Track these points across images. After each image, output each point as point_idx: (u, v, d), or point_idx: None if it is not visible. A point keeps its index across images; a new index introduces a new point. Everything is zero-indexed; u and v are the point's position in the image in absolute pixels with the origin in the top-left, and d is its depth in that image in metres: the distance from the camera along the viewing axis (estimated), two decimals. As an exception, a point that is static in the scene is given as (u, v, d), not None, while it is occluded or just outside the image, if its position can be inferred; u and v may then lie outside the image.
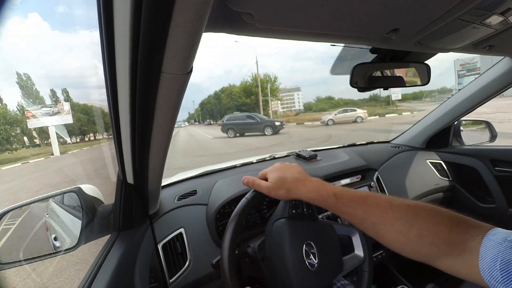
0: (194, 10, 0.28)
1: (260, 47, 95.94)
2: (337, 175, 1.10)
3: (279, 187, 0.52)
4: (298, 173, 0.54)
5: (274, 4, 0.40)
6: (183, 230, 0.79)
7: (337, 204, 0.48)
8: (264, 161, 1.24)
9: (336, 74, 1.10)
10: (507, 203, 1.22)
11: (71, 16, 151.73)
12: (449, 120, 1.36)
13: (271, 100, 34.28)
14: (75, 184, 0.70)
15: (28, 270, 2.29)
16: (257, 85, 31.80)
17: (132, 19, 0.28)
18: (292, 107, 77.34)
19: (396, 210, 0.42)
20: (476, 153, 1.33)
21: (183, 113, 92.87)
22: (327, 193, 0.49)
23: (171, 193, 0.91)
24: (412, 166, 1.34)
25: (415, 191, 1.25)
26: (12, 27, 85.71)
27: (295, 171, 0.55)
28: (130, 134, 0.47)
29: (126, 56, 0.33)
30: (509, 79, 1.09)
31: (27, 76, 28.98)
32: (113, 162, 0.65)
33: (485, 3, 0.48)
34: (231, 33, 0.48)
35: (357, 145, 1.53)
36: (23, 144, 24.03)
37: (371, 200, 0.45)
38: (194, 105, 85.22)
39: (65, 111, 18.31)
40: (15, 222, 0.73)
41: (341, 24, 0.50)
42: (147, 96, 0.39)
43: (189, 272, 0.74)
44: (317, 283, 0.53)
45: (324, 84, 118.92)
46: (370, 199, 0.45)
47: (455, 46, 0.70)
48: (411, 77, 0.86)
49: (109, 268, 0.61)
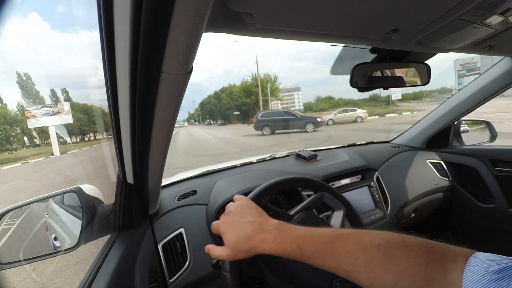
0: (194, 10, 0.28)
1: (260, 47, 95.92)
2: (337, 175, 1.10)
3: (237, 251, 0.47)
4: (251, 223, 0.47)
5: (274, 4, 0.40)
6: (183, 230, 0.79)
7: (303, 256, 0.43)
8: (264, 161, 1.24)
9: (336, 74, 1.11)
10: (507, 203, 1.22)
11: (71, 16, 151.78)
12: (449, 120, 1.36)
13: (271, 100, 34.30)
14: (75, 184, 0.70)
15: (28, 270, 2.29)
16: (257, 85, 31.81)
17: (132, 19, 0.28)
18: (292, 107, 77.33)
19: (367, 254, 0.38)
20: (476, 153, 1.33)
21: (183, 113, 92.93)
22: (289, 246, 0.43)
23: (171, 193, 0.91)
24: (412, 166, 1.34)
25: (415, 191, 1.25)
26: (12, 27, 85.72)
27: (247, 224, 0.47)
28: (130, 134, 0.47)
29: (126, 56, 0.33)
30: (509, 79, 1.09)
31: (27, 76, 28.98)
32: (113, 162, 0.65)
33: (485, 3, 0.48)
34: (231, 33, 0.48)
35: (357, 145, 1.53)
36: (23, 144, 24.02)
37: (339, 246, 0.41)
38: (194, 105, 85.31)
39: (65, 111, 18.31)
40: (15, 222, 0.73)
41: (341, 24, 0.50)
42: (147, 96, 0.39)
43: (189, 272, 0.74)
44: (324, 273, 0.53)
45: (324, 84, 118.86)
46: (337, 244, 0.41)
47: (455, 46, 0.70)
48: (411, 77, 0.86)
49: (109, 268, 0.61)
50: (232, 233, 0.48)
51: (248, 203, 0.52)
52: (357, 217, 0.73)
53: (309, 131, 12.52)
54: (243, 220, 0.48)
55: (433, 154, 1.45)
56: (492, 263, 0.30)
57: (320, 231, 0.44)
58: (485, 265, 0.30)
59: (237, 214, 0.50)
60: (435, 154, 1.45)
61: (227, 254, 0.48)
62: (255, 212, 0.50)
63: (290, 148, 1.53)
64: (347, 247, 0.40)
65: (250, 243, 0.46)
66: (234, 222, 0.49)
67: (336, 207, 0.68)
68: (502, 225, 1.25)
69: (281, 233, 0.45)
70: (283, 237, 0.45)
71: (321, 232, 0.44)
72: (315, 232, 0.44)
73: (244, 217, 0.49)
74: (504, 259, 0.30)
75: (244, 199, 0.55)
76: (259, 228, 0.46)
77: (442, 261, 0.34)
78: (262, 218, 0.49)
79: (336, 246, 0.41)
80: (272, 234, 0.45)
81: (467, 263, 0.31)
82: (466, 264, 0.31)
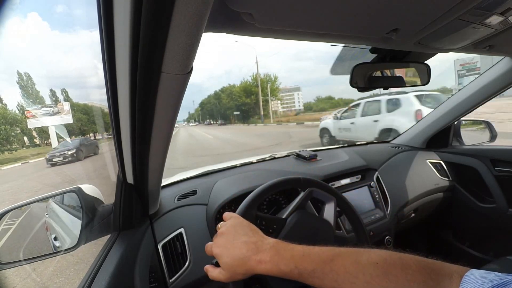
0: (194, 10, 0.28)
1: (260, 47, 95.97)
2: (337, 175, 1.10)
3: (234, 273, 0.46)
4: (246, 244, 0.46)
5: (274, 4, 0.40)
6: (183, 230, 0.79)
7: (301, 277, 0.42)
8: (264, 161, 1.24)
9: (336, 74, 1.11)
10: (507, 203, 1.22)
11: (71, 16, 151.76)
12: (449, 120, 1.36)
13: (271, 100, 34.29)
14: (75, 184, 0.70)
15: (28, 270, 2.29)
16: (257, 84, 31.81)
17: (132, 19, 0.28)
18: (292, 107, 77.38)
19: (366, 273, 0.38)
20: (476, 153, 1.32)
21: (183, 113, 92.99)
22: (287, 266, 0.43)
23: (171, 193, 0.91)
24: (412, 166, 1.34)
25: (415, 191, 1.25)
26: (12, 27, 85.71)
27: (242, 244, 0.46)
28: (130, 134, 0.47)
29: (126, 56, 0.33)
30: (509, 79, 1.09)
31: (27, 75, 29.01)
32: (113, 162, 0.65)
33: (485, 3, 0.48)
34: (231, 33, 0.48)
35: (357, 145, 1.53)
36: (23, 144, 24.04)
37: (337, 264, 0.40)
38: (194, 105, 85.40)
39: (65, 111, 18.31)
40: (15, 222, 0.73)
41: (341, 24, 0.50)
42: (147, 96, 0.39)
43: (189, 272, 0.74)
44: None
45: (324, 84, 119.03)
46: (335, 263, 0.41)
47: (455, 46, 0.70)
48: (411, 77, 0.86)
49: (109, 268, 0.61)
50: (226, 256, 0.47)
51: (240, 222, 0.51)
52: (351, 209, 0.73)
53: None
54: (238, 241, 0.47)
55: (433, 154, 1.45)
56: (485, 279, 0.30)
57: (317, 250, 0.44)
58: (480, 282, 0.30)
59: (230, 234, 0.49)
60: (435, 154, 1.45)
61: (224, 277, 0.47)
62: (249, 230, 0.49)
63: (290, 148, 1.53)
64: (346, 266, 0.40)
65: (246, 265, 0.45)
66: (228, 244, 0.47)
67: (326, 199, 0.68)
68: (502, 225, 1.25)
69: (278, 253, 0.44)
70: (280, 256, 0.44)
71: (318, 250, 0.43)
72: (312, 251, 0.43)
73: (238, 237, 0.47)
74: (497, 275, 0.30)
75: (234, 217, 0.53)
76: (254, 249, 0.45)
77: (438, 279, 0.34)
78: (256, 237, 0.48)
79: (335, 265, 0.40)
80: (268, 254, 0.44)
81: (462, 281, 0.32)
82: (461, 282, 0.32)
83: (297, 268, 0.42)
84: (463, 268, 0.34)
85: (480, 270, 0.32)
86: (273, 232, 0.59)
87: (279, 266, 0.43)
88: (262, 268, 0.44)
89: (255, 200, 0.63)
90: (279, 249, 0.45)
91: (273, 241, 0.47)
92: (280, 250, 0.44)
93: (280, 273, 0.43)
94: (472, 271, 0.33)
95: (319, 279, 0.41)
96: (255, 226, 0.51)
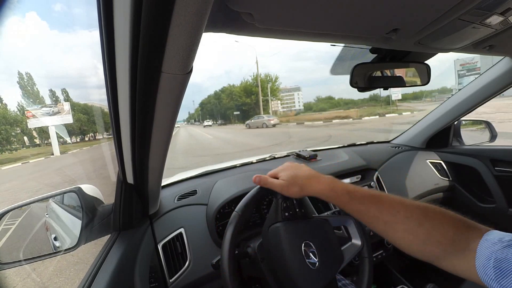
0: (194, 10, 0.28)
1: (260, 47, 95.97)
2: (337, 175, 1.10)
3: (292, 184, 0.53)
4: (310, 170, 0.56)
5: (274, 4, 0.40)
6: (183, 230, 0.79)
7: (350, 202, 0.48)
8: (264, 161, 1.24)
9: (336, 74, 1.10)
10: (507, 203, 1.22)
11: (71, 16, 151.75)
12: (449, 120, 1.36)
13: (271, 100, 34.29)
14: (75, 184, 0.70)
15: (28, 270, 2.29)
16: (257, 84, 31.81)
17: (132, 19, 0.28)
18: (292, 107, 77.32)
19: (408, 210, 0.44)
20: (476, 153, 1.32)
21: (183, 113, 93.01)
22: (340, 190, 0.50)
23: (171, 193, 0.91)
24: (412, 166, 1.34)
25: (415, 191, 1.25)
26: (12, 26, 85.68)
27: (306, 169, 0.56)
28: (130, 134, 0.47)
29: (126, 56, 0.33)
30: (509, 79, 1.09)
31: (28, 75, 29.01)
32: (113, 162, 0.65)
33: (485, 3, 0.48)
34: (231, 33, 0.48)
35: (357, 145, 1.53)
36: (23, 144, 24.04)
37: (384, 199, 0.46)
38: (194, 105, 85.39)
39: (65, 111, 18.32)
40: (15, 222, 0.73)
41: (341, 24, 0.50)
42: (147, 96, 0.39)
43: (189, 272, 0.74)
44: (320, 281, 0.53)
45: (324, 84, 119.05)
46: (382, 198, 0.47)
47: (455, 46, 0.70)
48: (411, 77, 0.86)
49: (109, 268, 0.61)
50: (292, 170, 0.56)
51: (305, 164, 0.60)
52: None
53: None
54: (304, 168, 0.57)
55: (433, 154, 1.45)
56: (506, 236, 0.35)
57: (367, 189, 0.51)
58: (500, 236, 0.35)
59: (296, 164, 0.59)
60: (435, 154, 1.45)
61: (279, 184, 0.54)
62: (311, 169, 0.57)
63: (290, 148, 1.53)
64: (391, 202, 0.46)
65: (307, 180, 0.53)
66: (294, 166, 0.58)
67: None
68: (502, 225, 1.24)
69: (334, 181, 0.52)
70: (336, 184, 0.52)
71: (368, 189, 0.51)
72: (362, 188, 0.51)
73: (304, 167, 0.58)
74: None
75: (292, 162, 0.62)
76: (316, 175, 0.54)
77: (469, 229, 0.39)
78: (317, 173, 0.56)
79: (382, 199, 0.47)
80: (327, 180, 0.53)
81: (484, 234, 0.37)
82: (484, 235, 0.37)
83: (349, 194, 0.49)
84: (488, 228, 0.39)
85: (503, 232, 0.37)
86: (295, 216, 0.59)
87: (334, 188, 0.51)
88: (318, 187, 0.52)
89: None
90: (336, 180, 0.53)
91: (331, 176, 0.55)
92: (336, 181, 0.53)
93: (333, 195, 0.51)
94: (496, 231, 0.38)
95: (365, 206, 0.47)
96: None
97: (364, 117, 20.27)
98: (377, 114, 20.54)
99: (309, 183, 0.52)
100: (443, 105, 1.37)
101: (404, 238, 0.43)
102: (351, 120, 17.59)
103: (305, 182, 0.53)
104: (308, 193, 0.53)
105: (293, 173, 0.55)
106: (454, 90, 25.14)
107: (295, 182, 0.53)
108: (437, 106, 1.42)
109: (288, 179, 0.54)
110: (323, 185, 0.52)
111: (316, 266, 0.53)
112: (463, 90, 1.28)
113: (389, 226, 0.45)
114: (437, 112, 1.40)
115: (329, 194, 0.51)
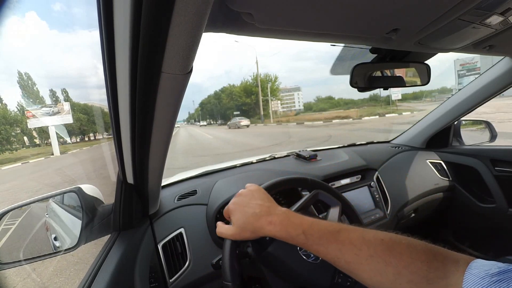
0: (194, 10, 0.28)
1: (260, 47, 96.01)
2: (337, 175, 1.10)
3: (243, 230, 0.49)
4: (260, 206, 0.49)
5: (274, 4, 0.40)
6: (183, 230, 0.79)
7: (307, 243, 0.44)
8: (264, 161, 1.24)
9: (336, 74, 1.11)
10: (507, 203, 1.22)
11: (71, 15, 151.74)
12: (449, 120, 1.36)
13: (271, 100, 34.28)
14: (75, 184, 0.70)
15: (28, 270, 2.29)
16: (257, 84, 31.81)
17: (132, 19, 0.28)
18: (292, 107, 77.32)
19: (370, 246, 0.39)
20: (476, 153, 1.32)
21: (183, 113, 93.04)
22: (295, 230, 0.45)
23: (171, 193, 0.91)
24: (412, 166, 1.34)
25: (415, 191, 1.25)
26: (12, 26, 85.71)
27: (256, 205, 0.50)
28: (130, 134, 0.47)
29: (126, 56, 0.33)
30: (509, 79, 1.09)
31: (27, 75, 29.00)
32: (113, 162, 0.65)
33: (485, 3, 0.48)
34: (231, 33, 0.48)
35: (357, 145, 1.53)
36: (23, 144, 24.04)
37: (343, 236, 0.42)
38: (194, 105, 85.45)
39: (65, 111, 18.33)
40: (15, 222, 0.73)
41: (341, 24, 0.50)
42: (147, 96, 0.39)
43: (189, 272, 0.74)
44: (325, 272, 0.53)
45: (324, 84, 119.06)
46: (341, 235, 0.42)
47: (455, 46, 0.70)
48: (411, 77, 0.86)
49: (109, 268, 0.61)
50: (240, 212, 0.50)
51: (258, 189, 0.55)
52: (353, 211, 0.72)
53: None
54: (253, 202, 0.51)
55: (433, 154, 1.45)
56: (492, 266, 0.30)
57: (325, 222, 0.46)
58: (486, 268, 0.30)
59: (247, 196, 0.53)
60: (435, 154, 1.45)
61: (232, 232, 0.50)
62: (265, 197, 0.53)
63: (290, 148, 1.53)
64: (351, 238, 0.41)
65: (257, 222, 0.47)
66: (243, 202, 0.51)
67: (332, 203, 0.68)
68: (502, 225, 1.25)
69: (288, 218, 0.47)
70: (290, 222, 0.46)
71: (326, 223, 0.46)
72: (320, 222, 0.45)
73: (254, 200, 0.51)
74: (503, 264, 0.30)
75: (256, 186, 0.57)
76: (267, 211, 0.48)
77: (444, 262, 0.34)
78: (271, 203, 0.51)
79: (341, 236, 0.42)
80: (279, 218, 0.47)
81: (468, 267, 0.32)
82: (467, 268, 0.32)
83: (305, 234, 0.44)
84: (469, 257, 0.34)
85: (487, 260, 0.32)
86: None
87: (288, 229, 0.45)
88: (271, 229, 0.46)
89: (277, 185, 0.66)
90: (290, 216, 0.47)
91: (285, 209, 0.50)
92: (290, 217, 0.47)
93: (287, 237, 0.45)
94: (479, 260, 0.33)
95: (324, 247, 0.42)
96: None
97: (364, 117, 20.29)
98: (377, 114, 20.55)
99: (259, 226, 0.47)
100: (443, 105, 1.37)
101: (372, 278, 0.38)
102: (351, 120, 17.61)
103: (256, 225, 0.47)
104: (263, 235, 0.48)
105: (241, 215, 0.50)
106: (454, 90, 25.15)
107: (246, 228, 0.49)
108: (437, 106, 1.42)
109: (238, 225, 0.50)
110: (275, 226, 0.46)
111: (319, 260, 0.54)
112: (463, 90, 1.28)
113: (353, 267, 0.40)
114: (437, 112, 1.40)
115: (283, 236, 0.45)
